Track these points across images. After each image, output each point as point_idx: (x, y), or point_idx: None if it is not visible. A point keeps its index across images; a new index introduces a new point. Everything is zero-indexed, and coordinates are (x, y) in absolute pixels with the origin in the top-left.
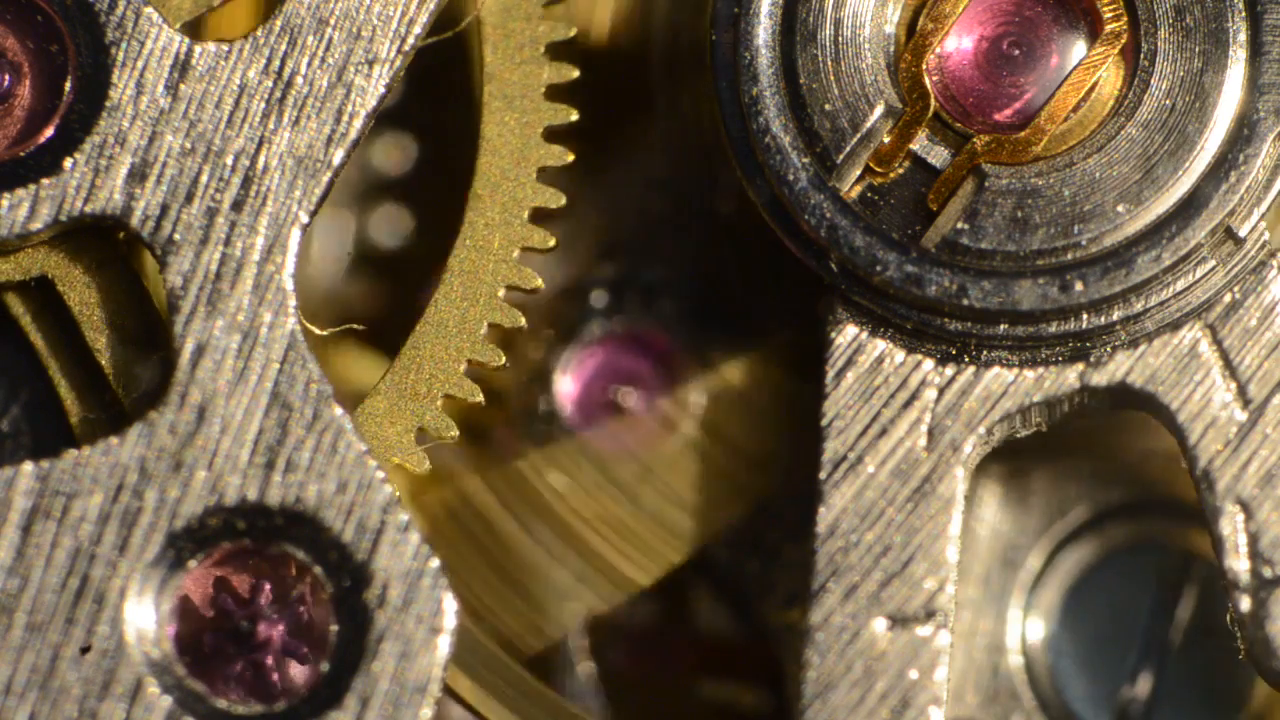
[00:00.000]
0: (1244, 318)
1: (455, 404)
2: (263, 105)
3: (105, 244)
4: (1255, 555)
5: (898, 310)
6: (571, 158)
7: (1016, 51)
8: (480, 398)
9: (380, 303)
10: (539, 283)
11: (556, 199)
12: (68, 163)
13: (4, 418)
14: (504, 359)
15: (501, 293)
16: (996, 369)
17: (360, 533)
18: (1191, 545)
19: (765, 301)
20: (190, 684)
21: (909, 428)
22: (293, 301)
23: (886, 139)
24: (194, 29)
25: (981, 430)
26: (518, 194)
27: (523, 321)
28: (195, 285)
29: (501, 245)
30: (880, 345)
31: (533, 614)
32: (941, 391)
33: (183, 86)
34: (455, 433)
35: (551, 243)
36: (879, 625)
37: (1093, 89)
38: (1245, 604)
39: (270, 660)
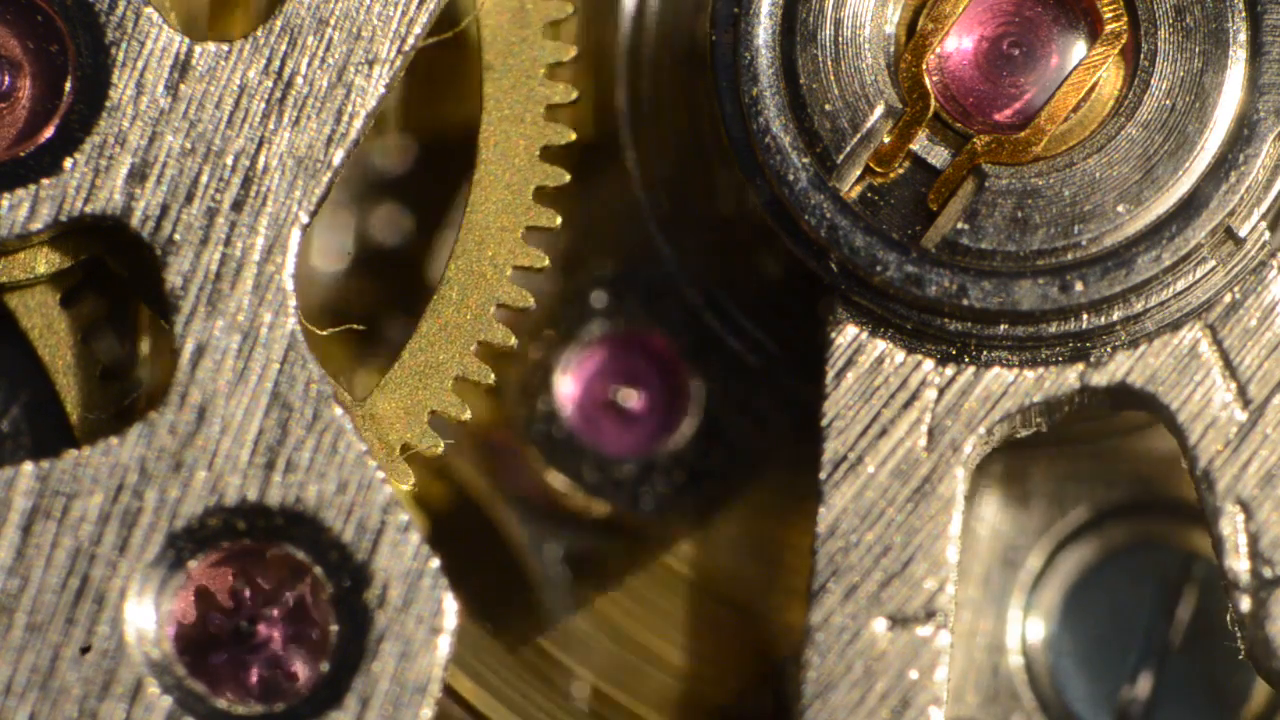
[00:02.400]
0: (1244, 318)
1: (466, 386)
2: (263, 105)
3: None
4: (1255, 555)
5: (898, 310)
6: (573, 136)
7: (1016, 51)
8: (492, 378)
9: (380, 303)
10: (545, 262)
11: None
12: (68, 163)
13: (4, 418)
14: (514, 340)
15: (509, 272)
16: (996, 369)
17: (360, 533)
18: (1191, 545)
19: (765, 301)
20: (190, 684)
21: (909, 428)
22: (293, 301)
23: (886, 139)
24: (194, 29)
25: (981, 430)
26: (520, 179)
27: (531, 302)
28: (195, 285)
29: (505, 227)
30: (880, 345)
31: (533, 613)
32: (941, 391)
33: (183, 86)
34: (468, 414)
35: (557, 221)
36: (879, 625)
37: (1093, 89)
38: (1245, 604)
39: (270, 660)
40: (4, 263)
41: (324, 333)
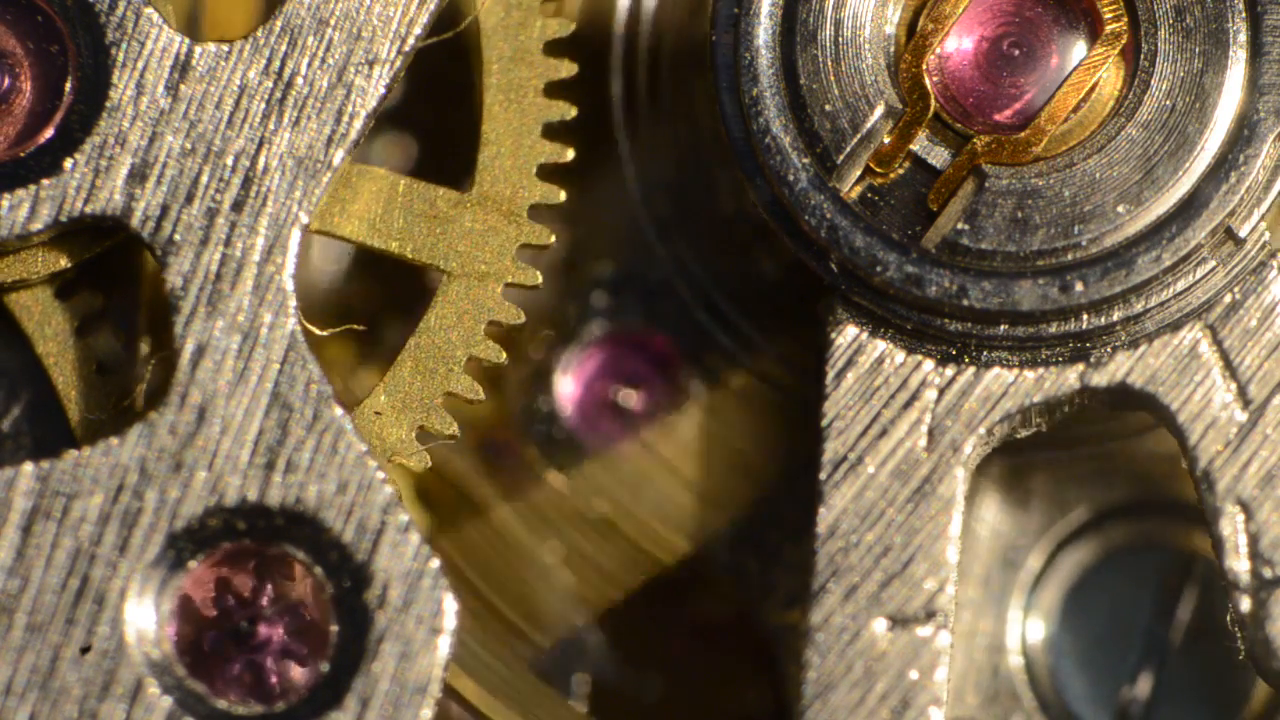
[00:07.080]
0: (1244, 318)
1: (457, 402)
2: (263, 105)
3: None
4: (1255, 556)
5: (898, 311)
6: (571, 154)
7: (1017, 52)
8: (481, 395)
9: (380, 303)
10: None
11: (555, 195)
12: (68, 163)
13: (4, 418)
14: (504, 356)
15: (512, 255)
16: (997, 369)
17: (360, 533)
18: (1191, 545)
19: (765, 301)
20: (190, 684)
21: (909, 428)
22: (293, 302)
23: (887, 139)
24: (194, 29)
25: (981, 431)
26: (518, 188)
27: (526, 313)
28: (195, 285)
29: (505, 235)
30: (880, 346)
31: (533, 613)
32: (942, 392)
33: (183, 87)
34: (457, 427)
35: (560, 199)
36: (879, 626)
37: (1093, 89)
38: (1245, 604)
39: (270, 661)
40: (5, 263)
41: (324, 333)
